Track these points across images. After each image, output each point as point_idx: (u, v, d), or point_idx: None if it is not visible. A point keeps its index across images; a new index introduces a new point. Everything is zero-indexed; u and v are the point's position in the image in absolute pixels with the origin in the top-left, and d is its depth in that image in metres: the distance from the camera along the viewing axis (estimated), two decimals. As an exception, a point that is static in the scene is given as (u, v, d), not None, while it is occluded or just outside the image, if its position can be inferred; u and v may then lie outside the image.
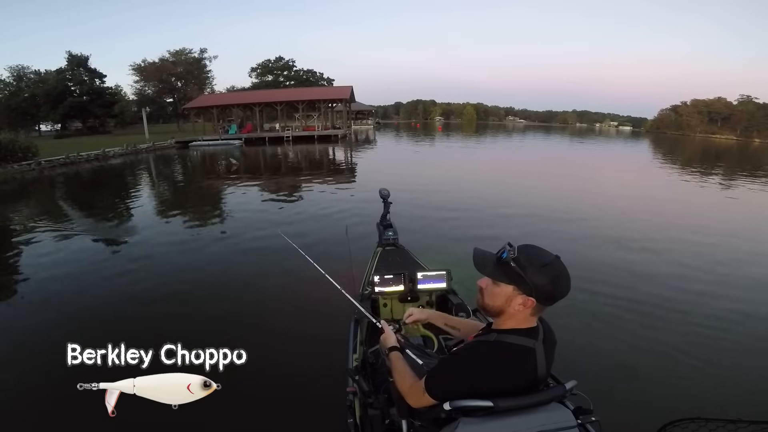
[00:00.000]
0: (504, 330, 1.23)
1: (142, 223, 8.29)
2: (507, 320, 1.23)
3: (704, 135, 69.98)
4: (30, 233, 7.65)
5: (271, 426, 2.63)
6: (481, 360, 1.21)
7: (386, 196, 3.82)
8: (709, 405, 2.68)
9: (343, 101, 35.31)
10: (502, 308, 1.22)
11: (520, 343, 1.19)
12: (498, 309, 1.23)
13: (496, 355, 1.19)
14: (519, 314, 1.20)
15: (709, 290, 4.66)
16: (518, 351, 1.19)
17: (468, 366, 1.21)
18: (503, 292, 1.20)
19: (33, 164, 16.92)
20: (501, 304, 1.21)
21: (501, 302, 1.21)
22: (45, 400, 2.88)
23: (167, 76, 46.93)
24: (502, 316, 1.23)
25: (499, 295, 1.21)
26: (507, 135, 49.29)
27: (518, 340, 1.19)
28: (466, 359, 1.23)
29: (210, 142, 28.62)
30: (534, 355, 1.20)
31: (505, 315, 1.22)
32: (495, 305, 1.23)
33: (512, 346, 1.19)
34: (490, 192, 10.76)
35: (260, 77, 59.62)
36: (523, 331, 1.21)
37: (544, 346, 1.23)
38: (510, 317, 1.22)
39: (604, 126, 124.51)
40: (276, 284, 4.86)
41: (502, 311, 1.22)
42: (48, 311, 4.34)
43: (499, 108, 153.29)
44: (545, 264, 1.16)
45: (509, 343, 1.19)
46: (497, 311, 1.23)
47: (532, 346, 1.20)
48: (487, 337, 1.25)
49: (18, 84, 44.23)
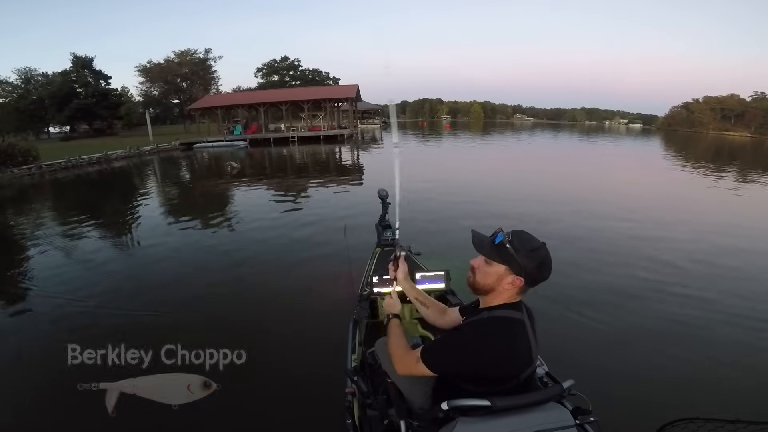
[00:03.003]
0: (493, 307, 1.31)
1: (140, 225, 8.17)
2: (495, 298, 1.31)
3: (717, 132, 69.11)
4: (26, 238, 7.57)
5: (270, 426, 2.62)
6: (481, 335, 1.26)
7: (385, 196, 3.80)
8: (708, 405, 2.67)
9: (349, 100, 34.73)
10: (492, 286, 1.29)
11: (510, 315, 1.27)
12: (488, 287, 1.30)
13: (493, 329, 1.26)
14: (507, 292, 1.28)
15: (710, 290, 4.59)
16: (511, 323, 1.27)
17: (470, 342, 1.26)
18: (495, 271, 1.28)
19: (33, 168, 16.61)
20: (492, 282, 1.29)
21: (492, 280, 1.29)
22: (45, 399, 2.87)
23: (172, 77, 46.77)
24: (492, 294, 1.31)
25: (491, 273, 1.29)
26: (516, 133, 48.59)
27: (508, 313, 1.28)
28: (468, 335, 1.28)
29: (214, 143, 28.32)
30: (525, 327, 1.28)
31: (494, 293, 1.31)
32: (486, 283, 1.30)
33: (505, 318, 1.27)
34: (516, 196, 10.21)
35: (266, 77, 59.49)
36: (510, 305, 1.30)
37: (529, 321, 1.31)
38: (498, 295, 1.30)
39: (613, 123, 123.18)
40: (275, 285, 4.80)
41: (492, 289, 1.30)
42: (47, 312, 4.31)
43: (507, 106, 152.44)
44: (535, 248, 1.25)
45: (502, 316, 1.27)
46: (488, 289, 1.31)
47: (521, 318, 1.28)
48: (480, 315, 1.32)
49: (26, 86, 44.41)
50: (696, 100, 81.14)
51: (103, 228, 8.10)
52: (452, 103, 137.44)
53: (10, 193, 13.01)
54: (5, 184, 14.23)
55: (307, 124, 34.14)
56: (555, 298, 4.07)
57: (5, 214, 10.11)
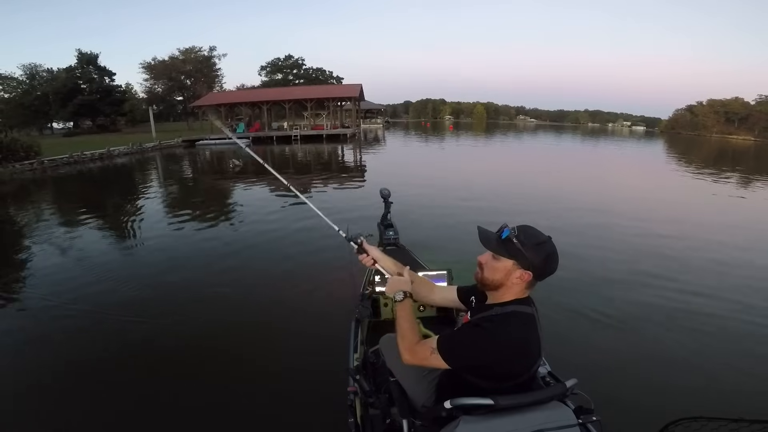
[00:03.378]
0: (505, 302, 1.30)
1: (136, 222, 8.02)
2: (505, 293, 1.31)
3: (720, 135, 68.71)
4: (21, 233, 7.53)
5: (272, 425, 2.61)
6: (503, 331, 1.25)
7: (387, 195, 3.80)
8: (711, 404, 2.67)
9: (352, 99, 34.73)
10: (501, 281, 1.29)
11: (522, 310, 1.27)
12: (497, 282, 1.30)
13: (514, 325, 1.26)
14: (516, 287, 1.29)
15: (713, 290, 4.56)
16: (524, 318, 1.27)
17: (491, 337, 1.24)
18: (503, 266, 1.28)
19: (35, 163, 16.55)
20: (501, 278, 1.29)
21: (501, 276, 1.29)
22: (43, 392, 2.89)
23: (176, 74, 46.81)
24: (501, 289, 1.31)
25: (499, 269, 1.29)
26: (520, 134, 48.45)
27: (520, 308, 1.28)
28: (489, 331, 1.25)
29: (217, 141, 28.32)
30: (536, 322, 1.29)
31: (503, 288, 1.30)
32: (495, 278, 1.30)
33: (518, 313, 1.27)
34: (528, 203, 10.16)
35: (269, 75, 59.55)
36: (522, 300, 1.30)
37: (537, 315, 1.31)
38: (508, 290, 1.30)
39: (617, 126, 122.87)
40: (276, 284, 4.77)
41: (501, 284, 1.30)
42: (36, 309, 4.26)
43: (510, 107, 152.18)
44: (541, 242, 1.26)
45: (514, 311, 1.27)
46: (497, 284, 1.31)
47: (533, 312, 1.29)
48: (494, 311, 1.30)
49: (31, 82, 44.48)
50: (700, 103, 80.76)
51: (100, 223, 8.07)
52: (455, 103, 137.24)
53: (10, 189, 12.98)
54: (6, 179, 14.19)
55: (310, 122, 34.11)
56: (555, 297, 4.03)
57: (4, 209, 10.08)
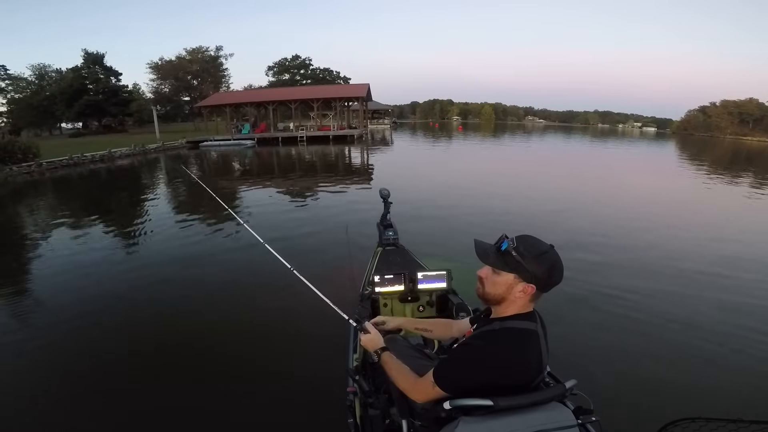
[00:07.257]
0: (506, 317, 1.25)
1: (134, 223, 8.01)
2: (508, 307, 1.25)
3: (734, 137, 67.31)
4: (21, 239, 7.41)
5: (272, 425, 2.59)
6: (492, 348, 1.20)
7: (386, 196, 3.80)
8: (710, 405, 2.64)
9: (359, 99, 34.06)
10: (503, 296, 1.24)
11: (524, 327, 1.22)
12: (499, 297, 1.25)
13: (505, 341, 1.20)
14: (519, 301, 1.23)
15: (711, 290, 4.55)
16: (525, 335, 1.21)
17: (481, 355, 1.21)
18: (504, 280, 1.22)
19: (33, 166, 16.13)
20: (502, 292, 1.23)
21: (502, 290, 1.23)
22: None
23: (183, 75, 46.61)
24: (503, 303, 1.26)
25: (500, 283, 1.23)
26: (528, 135, 47.47)
27: (522, 324, 1.22)
28: (478, 348, 1.23)
29: (221, 142, 27.90)
30: (538, 338, 1.23)
31: (506, 302, 1.25)
32: (496, 293, 1.25)
33: (518, 330, 1.21)
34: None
35: (277, 76, 59.36)
36: (524, 315, 1.24)
37: (542, 330, 1.26)
38: (511, 304, 1.25)
39: (627, 127, 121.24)
40: (276, 284, 4.66)
41: (503, 299, 1.24)
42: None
43: (518, 108, 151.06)
44: (543, 253, 1.20)
45: (515, 328, 1.22)
46: (498, 299, 1.25)
47: (535, 329, 1.23)
48: (491, 326, 1.26)
49: (40, 83, 44.60)
50: (713, 104, 79.26)
51: (101, 226, 7.97)
52: (463, 104, 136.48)
53: (3, 192, 12.53)
54: (0, 182, 13.76)
55: (317, 123, 33.57)
56: (556, 297, 3.66)
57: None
